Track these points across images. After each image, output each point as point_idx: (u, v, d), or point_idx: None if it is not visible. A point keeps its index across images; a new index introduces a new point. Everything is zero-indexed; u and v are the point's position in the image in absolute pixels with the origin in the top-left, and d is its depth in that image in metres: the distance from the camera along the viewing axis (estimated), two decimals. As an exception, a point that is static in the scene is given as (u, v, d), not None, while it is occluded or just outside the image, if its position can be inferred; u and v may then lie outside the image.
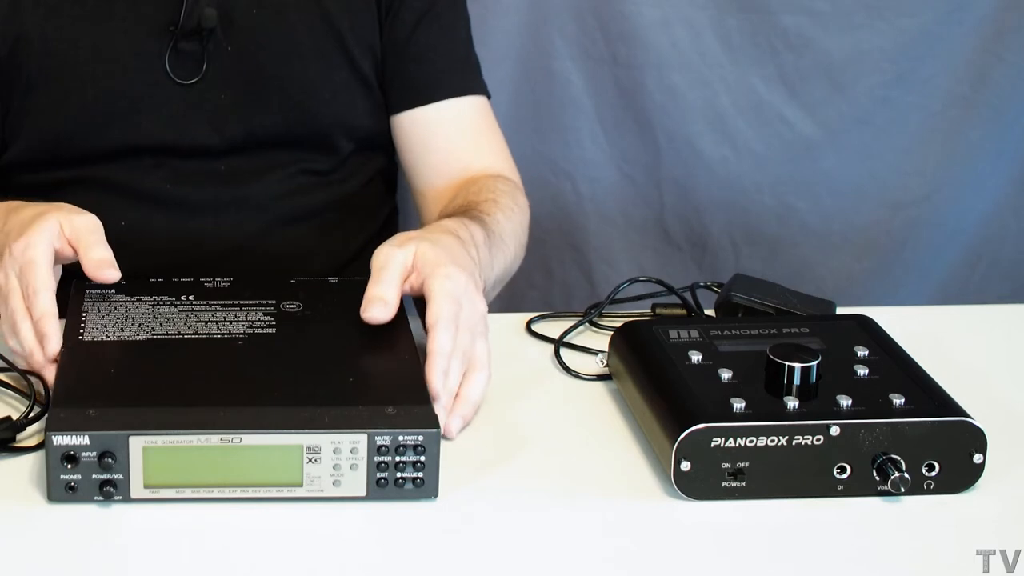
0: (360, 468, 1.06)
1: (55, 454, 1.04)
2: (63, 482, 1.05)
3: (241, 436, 1.05)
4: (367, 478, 1.07)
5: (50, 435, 1.04)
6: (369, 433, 1.06)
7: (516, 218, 1.47)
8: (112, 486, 1.05)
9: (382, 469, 1.06)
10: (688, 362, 1.17)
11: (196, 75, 1.48)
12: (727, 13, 2.06)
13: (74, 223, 1.20)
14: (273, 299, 1.24)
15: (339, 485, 1.07)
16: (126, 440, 1.04)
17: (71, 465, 1.04)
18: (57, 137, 1.48)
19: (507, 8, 2.04)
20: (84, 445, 1.04)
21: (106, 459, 1.04)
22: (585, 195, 2.14)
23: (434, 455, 1.07)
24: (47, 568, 1.00)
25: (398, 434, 1.06)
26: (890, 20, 2.06)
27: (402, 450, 1.06)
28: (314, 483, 1.06)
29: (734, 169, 2.12)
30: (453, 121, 1.55)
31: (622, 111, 2.10)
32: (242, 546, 1.03)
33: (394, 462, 1.06)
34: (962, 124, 2.12)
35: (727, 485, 1.08)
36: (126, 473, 1.05)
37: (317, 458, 1.06)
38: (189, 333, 1.18)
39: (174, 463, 1.05)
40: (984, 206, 2.17)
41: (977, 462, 1.09)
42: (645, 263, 2.16)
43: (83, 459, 1.04)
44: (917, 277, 2.19)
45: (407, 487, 1.07)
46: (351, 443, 1.06)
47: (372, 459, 1.06)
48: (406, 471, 1.07)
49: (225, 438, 1.05)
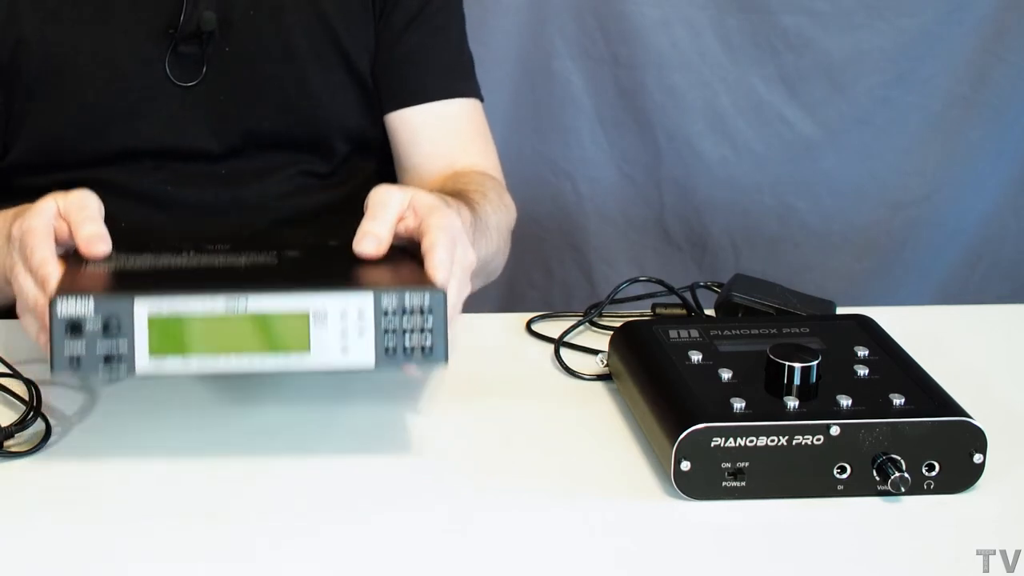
0: (367, 334, 1.05)
1: (60, 324, 1.03)
2: (67, 355, 1.03)
3: (247, 299, 1.04)
4: (375, 344, 1.06)
5: (55, 301, 1.02)
6: (375, 292, 1.05)
7: (501, 214, 1.47)
8: (117, 357, 1.03)
9: (389, 335, 1.06)
10: (688, 362, 1.17)
11: (195, 78, 1.48)
12: (727, 13, 2.06)
13: (68, 199, 1.17)
14: (275, 249, 1.23)
15: (347, 352, 1.06)
16: (131, 306, 1.03)
17: (75, 335, 1.03)
18: (57, 140, 1.48)
19: (507, 8, 2.05)
20: (88, 313, 1.03)
21: (111, 326, 1.03)
22: (585, 195, 2.15)
23: (441, 318, 1.06)
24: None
25: (404, 292, 1.05)
26: (890, 20, 2.07)
27: (408, 312, 1.05)
28: (322, 350, 1.05)
29: (734, 169, 2.13)
30: (440, 122, 1.55)
31: (622, 111, 2.10)
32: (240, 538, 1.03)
33: (401, 326, 1.06)
34: (962, 124, 2.12)
35: (727, 485, 1.08)
36: (131, 342, 1.03)
37: (324, 323, 1.05)
38: (191, 265, 1.17)
39: (180, 330, 1.03)
40: (984, 206, 2.17)
41: (977, 462, 1.09)
42: (645, 263, 2.16)
43: (88, 329, 1.03)
44: (917, 277, 2.20)
45: (416, 354, 1.06)
46: (358, 306, 1.05)
47: (379, 323, 1.05)
48: (414, 336, 1.06)
49: (231, 302, 1.03)
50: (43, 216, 1.14)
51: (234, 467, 1.12)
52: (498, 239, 1.44)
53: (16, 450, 1.12)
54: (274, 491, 1.09)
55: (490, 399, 1.22)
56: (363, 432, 1.18)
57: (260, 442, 1.16)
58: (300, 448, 1.15)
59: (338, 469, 1.12)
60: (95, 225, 1.16)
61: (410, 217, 1.17)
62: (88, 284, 1.07)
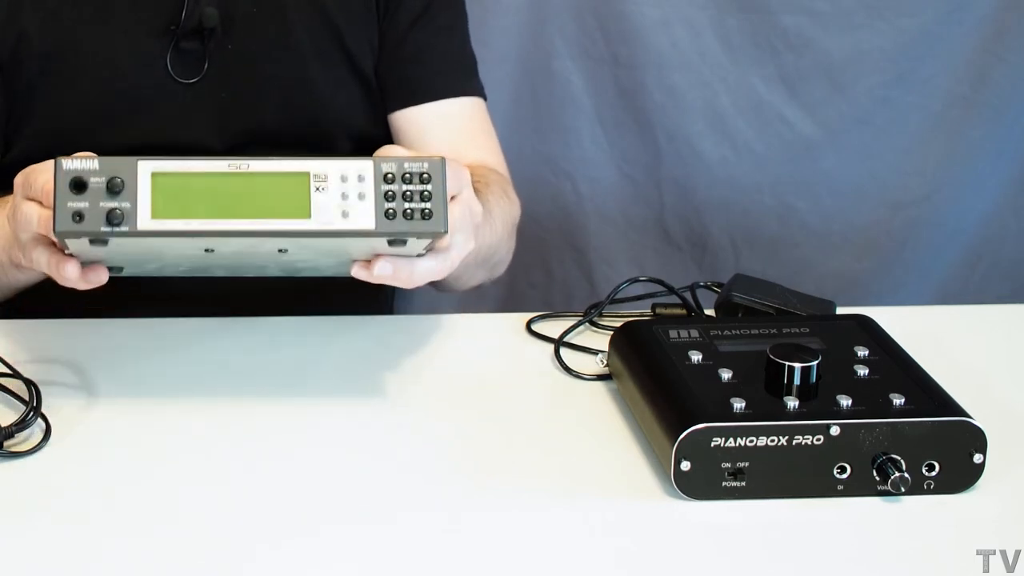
0: (368, 197, 1.06)
1: (64, 179, 1.03)
2: (70, 209, 1.03)
3: (249, 162, 1.04)
4: (375, 208, 1.06)
5: (60, 160, 1.03)
6: (375, 159, 1.06)
7: (505, 205, 1.47)
8: (119, 215, 1.03)
9: (389, 198, 1.06)
10: (688, 362, 1.17)
11: (197, 74, 1.48)
12: (727, 13, 2.06)
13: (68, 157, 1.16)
14: None
15: (347, 216, 1.06)
16: (135, 165, 1.04)
17: (79, 191, 1.03)
18: (58, 137, 1.48)
19: (507, 8, 2.04)
20: (93, 169, 1.03)
21: (115, 183, 1.03)
22: (585, 195, 2.15)
23: (440, 185, 1.06)
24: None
25: (404, 161, 1.06)
26: (890, 20, 2.07)
27: (408, 177, 1.06)
28: (322, 214, 1.05)
29: (734, 169, 2.13)
30: (445, 121, 1.55)
31: (622, 111, 2.10)
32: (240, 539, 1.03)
33: (401, 191, 1.06)
34: (962, 124, 2.12)
35: (727, 485, 1.08)
36: (134, 201, 1.04)
37: (324, 186, 1.05)
38: None
39: (182, 191, 1.04)
40: (984, 206, 2.17)
41: (977, 462, 1.09)
42: (645, 263, 2.16)
43: (91, 184, 1.03)
44: (917, 277, 2.20)
45: (416, 219, 1.06)
46: (358, 171, 1.06)
47: (379, 188, 1.06)
48: (414, 200, 1.06)
49: (233, 164, 1.04)
50: (47, 167, 1.14)
51: (234, 467, 1.12)
52: (502, 229, 1.44)
53: (16, 450, 1.12)
54: (274, 491, 1.09)
55: (490, 399, 1.22)
56: (363, 432, 1.18)
57: (260, 442, 1.16)
58: (300, 448, 1.15)
59: (338, 469, 1.12)
60: None
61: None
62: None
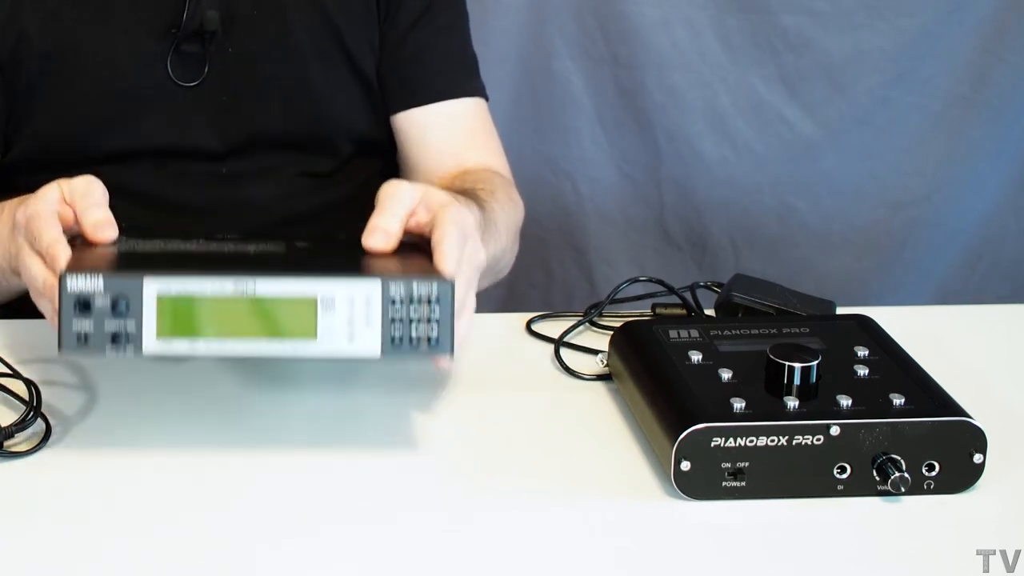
0: (374, 322, 1.06)
1: (69, 300, 1.03)
2: (75, 331, 1.03)
3: (255, 283, 1.04)
4: (381, 333, 1.06)
5: (64, 276, 1.03)
6: (383, 279, 1.05)
7: (510, 211, 1.47)
8: (125, 337, 1.04)
9: (396, 324, 1.06)
10: (688, 362, 1.17)
11: (198, 77, 1.48)
12: (727, 13, 2.06)
13: (72, 185, 1.16)
14: (283, 240, 1.24)
15: (353, 341, 1.06)
16: (140, 285, 1.03)
17: (84, 312, 1.03)
18: (59, 139, 1.48)
19: (507, 8, 2.05)
20: (98, 290, 1.03)
21: (119, 305, 1.03)
22: (585, 195, 2.15)
23: (448, 309, 1.06)
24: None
25: (412, 281, 1.06)
26: (890, 20, 2.07)
27: (416, 302, 1.06)
28: (328, 337, 1.05)
29: (734, 169, 2.13)
30: (447, 122, 1.55)
31: (622, 111, 2.10)
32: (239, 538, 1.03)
33: (408, 316, 1.06)
34: (962, 124, 2.12)
35: (727, 485, 1.08)
36: (139, 321, 1.04)
37: (331, 309, 1.05)
38: (200, 251, 1.17)
39: (187, 313, 1.04)
40: (984, 206, 2.17)
41: (977, 462, 1.09)
42: (645, 263, 2.16)
43: (96, 305, 1.03)
44: (917, 277, 2.20)
45: (421, 346, 1.06)
46: (365, 294, 1.05)
47: (386, 313, 1.05)
48: (420, 327, 1.06)
49: (239, 285, 1.04)
50: (48, 201, 1.14)
51: (234, 467, 1.12)
52: (507, 238, 1.44)
53: (16, 450, 1.12)
54: (274, 491, 1.09)
55: (490, 399, 1.22)
56: (363, 432, 1.18)
57: (260, 442, 1.16)
58: (300, 449, 1.15)
59: (338, 469, 1.12)
60: (101, 211, 1.15)
61: (421, 212, 1.16)
62: (97, 262, 1.08)
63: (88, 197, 1.16)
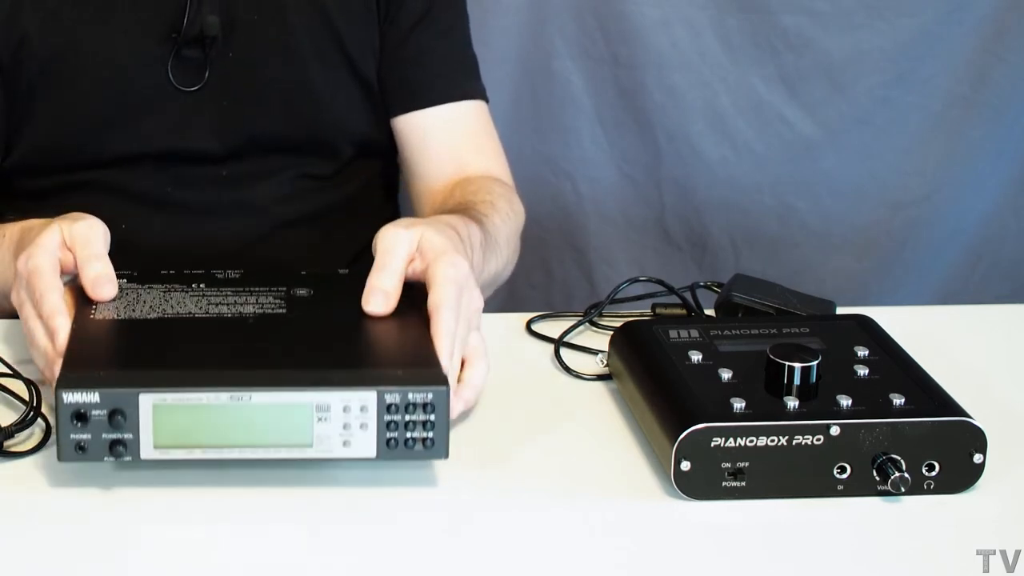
0: (370, 428, 1.06)
1: (65, 412, 1.04)
2: (73, 441, 1.04)
3: (251, 394, 1.05)
4: (377, 438, 1.06)
5: (60, 393, 1.04)
6: (379, 390, 1.06)
7: (511, 223, 1.47)
8: (122, 445, 1.05)
9: (392, 428, 1.06)
10: (688, 362, 1.17)
11: (198, 82, 1.47)
12: (727, 13, 2.06)
13: (72, 230, 1.17)
14: (284, 287, 1.24)
15: (349, 445, 1.06)
16: (136, 398, 1.04)
17: (81, 424, 1.04)
18: (59, 142, 1.48)
19: (507, 8, 2.04)
20: (94, 403, 1.04)
21: (116, 417, 1.04)
22: (585, 195, 2.15)
23: (444, 414, 1.06)
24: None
25: (408, 391, 1.06)
26: (890, 20, 2.07)
27: (412, 408, 1.06)
28: (324, 443, 1.06)
29: (734, 169, 2.13)
30: (448, 125, 1.55)
31: (622, 111, 2.10)
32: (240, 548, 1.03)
33: (404, 421, 1.06)
34: (962, 124, 2.12)
35: (727, 485, 1.08)
36: (136, 432, 1.05)
37: (327, 417, 1.06)
38: (200, 313, 1.18)
39: (184, 422, 1.05)
40: (984, 206, 2.17)
41: (977, 462, 1.09)
42: (645, 263, 2.16)
43: (93, 417, 1.04)
44: (917, 277, 2.20)
45: (417, 448, 1.07)
46: (360, 401, 1.06)
47: (382, 418, 1.06)
48: (416, 431, 1.06)
49: (235, 396, 1.04)
50: (48, 253, 1.15)
51: (234, 466, 1.12)
52: (508, 251, 1.45)
53: (16, 450, 1.12)
54: (274, 491, 1.09)
55: (490, 399, 1.22)
56: (363, 432, 1.18)
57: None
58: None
59: (338, 469, 1.12)
60: (101, 264, 1.17)
61: (418, 260, 1.18)
62: (95, 359, 1.09)
63: (88, 247, 1.17)
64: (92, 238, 1.17)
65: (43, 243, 1.16)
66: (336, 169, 1.56)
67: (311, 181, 1.55)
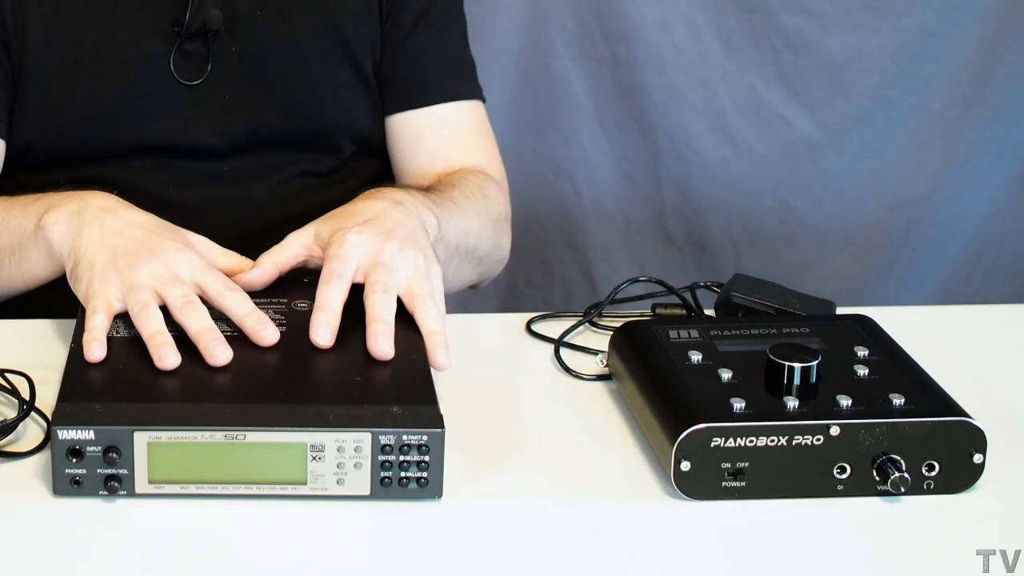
0: (364, 467, 1.07)
1: (60, 448, 1.05)
2: (68, 476, 1.05)
3: (246, 433, 1.05)
4: (371, 477, 1.07)
5: (55, 430, 1.04)
6: (373, 432, 1.06)
7: (479, 202, 1.46)
8: (117, 480, 1.05)
9: (386, 468, 1.07)
10: (688, 362, 1.17)
11: (200, 76, 1.48)
12: (727, 13, 2.06)
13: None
14: (285, 298, 1.24)
15: (343, 483, 1.07)
16: (131, 435, 1.05)
17: (76, 459, 1.05)
18: (60, 136, 1.48)
19: (507, 8, 2.05)
20: (89, 440, 1.04)
21: (111, 454, 1.05)
22: (585, 195, 2.15)
23: (438, 455, 1.07)
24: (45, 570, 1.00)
25: (402, 434, 1.06)
26: (890, 20, 2.07)
27: (406, 449, 1.06)
28: (318, 481, 1.06)
29: (734, 169, 2.13)
30: (442, 125, 1.55)
31: (622, 111, 2.10)
32: (243, 544, 1.03)
33: (398, 461, 1.06)
34: (962, 124, 2.12)
35: (727, 485, 1.08)
36: (131, 468, 1.05)
37: (321, 456, 1.06)
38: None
39: (178, 459, 1.05)
40: (984, 206, 2.17)
41: (977, 462, 1.09)
42: (645, 263, 2.16)
43: (88, 453, 1.05)
44: (917, 277, 2.20)
45: (411, 487, 1.07)
46: (355, 442, 1.06)
47: (376, 458, 1.06)
48: (410, 471, 1.07)
49: (229, 435, 1.05)
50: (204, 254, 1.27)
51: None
52: (478, 221, 1.44)
53: (15, 450, 1.12)
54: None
55: (490, 399, 1.22)
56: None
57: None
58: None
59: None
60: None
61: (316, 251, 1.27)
62: (90, 390, 1.10)
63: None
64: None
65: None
66: (336, 166, 1.56)
67: (311, 178, 1.55)
